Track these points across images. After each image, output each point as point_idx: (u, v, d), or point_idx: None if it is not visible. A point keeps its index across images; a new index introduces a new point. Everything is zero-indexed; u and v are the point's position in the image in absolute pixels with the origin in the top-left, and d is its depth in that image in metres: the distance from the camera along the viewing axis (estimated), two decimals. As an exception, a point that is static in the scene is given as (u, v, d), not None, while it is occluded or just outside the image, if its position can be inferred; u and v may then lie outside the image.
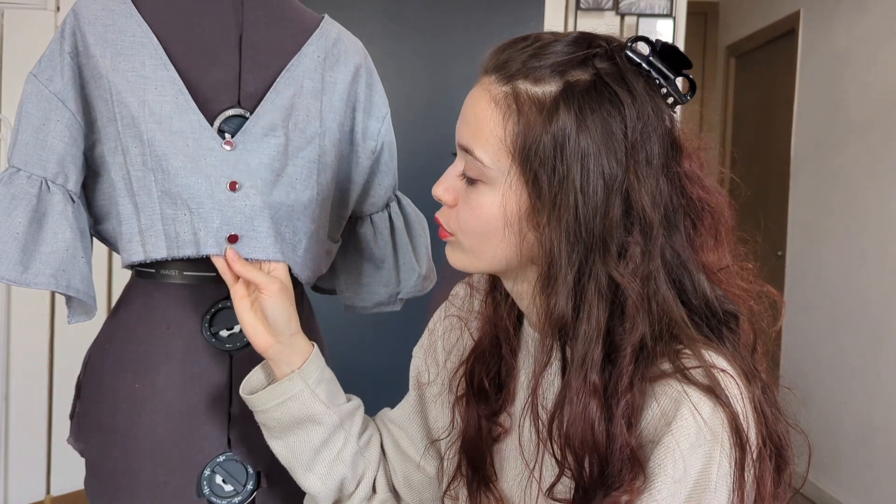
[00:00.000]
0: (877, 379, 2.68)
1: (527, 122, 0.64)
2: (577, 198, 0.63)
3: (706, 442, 0.60)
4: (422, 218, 1.14)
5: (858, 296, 2.82)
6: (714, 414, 0.61)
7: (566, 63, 0.65)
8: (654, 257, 0.64)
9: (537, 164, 0.64)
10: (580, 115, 0.63)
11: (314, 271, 0.99)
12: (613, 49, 0.67)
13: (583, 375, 0.63)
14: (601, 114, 0.63)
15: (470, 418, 0.81)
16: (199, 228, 0.89)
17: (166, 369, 0.91)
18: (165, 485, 0.91)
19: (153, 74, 0.89)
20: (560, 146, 0.63)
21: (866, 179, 2.83)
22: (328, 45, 1.00)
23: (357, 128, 1.04)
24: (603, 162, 0.63)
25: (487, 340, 0.81)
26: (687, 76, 0.68)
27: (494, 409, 0.80)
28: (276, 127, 0.93)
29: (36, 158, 0.89)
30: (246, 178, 0.91)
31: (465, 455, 0.82)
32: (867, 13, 2.90)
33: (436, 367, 0.90)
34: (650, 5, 2.28)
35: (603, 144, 0.63)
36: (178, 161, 0.89)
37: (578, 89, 0.64)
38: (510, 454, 0.80)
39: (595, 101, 0.64)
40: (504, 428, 0.80)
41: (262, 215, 0.91)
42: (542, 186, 0.64)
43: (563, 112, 0.63)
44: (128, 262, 0.91)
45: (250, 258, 0.89)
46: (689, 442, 0.60)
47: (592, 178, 0.63)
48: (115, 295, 2.15)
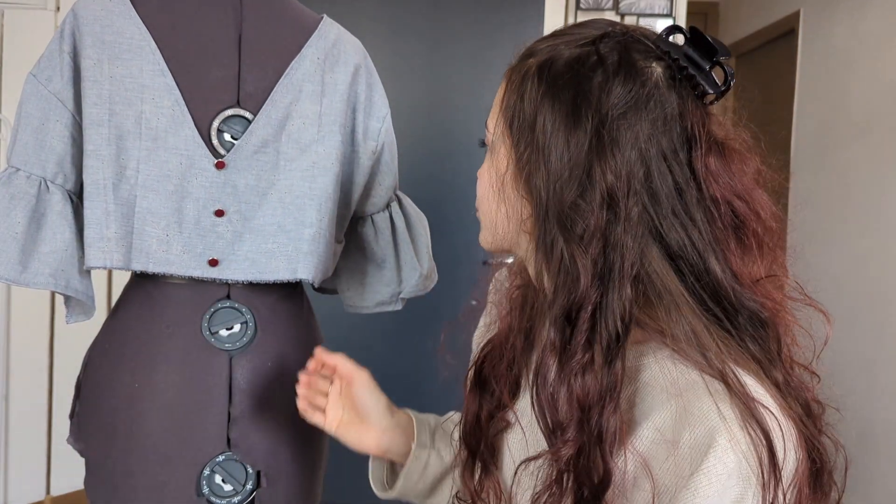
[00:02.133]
0: (877, 379, 2.68)
1: (510, 86, 0.69)
2: (539, 157, 0.64)
3: (742, 481, 0.58)
4: (423, 217, 1.14)
5: (859, 295, 2.82)
6: (749, 451, 0.59)
7: (566, 42, 0.67)
8: (630, 227, 0.63)
9: (516, 130, 0.67)
10: (551, 79, 0.65)
11: (323, 274, 0.99)
12: (629, 34, 0.67)
13: (547, 333, 0.64)
14: (574, 78, 0.64)
15: (471, 404, 0.81)
16: (182, 250, 0.91)
17: (166, 369, 0.91)
18: (165, 484, 0.91)
19: (150, 82, 0.89)
20: (532, 114, 0.66)
21: (866, 179, 2.83)
22: (327, 45, 1.00)
23: (357, 128, 1.04)
24: (569, 123, 0.63)
25: (505, 334, 0.82)
26: (721, 65, 0.67)
27: (498, 401, 0.80)
28: (267, 143, 0.94)
29: (35, 158, 0.89)
30: (231, 202, 0.93)
31: (463, 441, 0.82)
32: (867, 13, 2.90)
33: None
34: (650, 5, 2.28)
35: (571, 108, 0.63)
36: (169, 184, 0.90)
37: (562, 59, 0.66)
38: (512, 447, 0.80)
39: (573, 67, 0.64)
40: (507, 422, 0.80)
41: (241, 240, 0.93)
42: (518, 146, 0.67)
43: (535, 81, 0.66)
44: (86, 266, 0.91)
45: (228, 279, 0.93)
46: (721, 484, 0.58)
47: (556, 138, 0.64)
48: (115, 295, 2.15)
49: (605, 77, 0.63)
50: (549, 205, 0.64)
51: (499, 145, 0.70)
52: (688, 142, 0.65)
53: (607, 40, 0.66)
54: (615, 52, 0.65)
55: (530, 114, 0.66)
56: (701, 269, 0.65)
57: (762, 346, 0.66)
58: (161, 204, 0.90)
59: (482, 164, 0.74)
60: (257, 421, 0.94)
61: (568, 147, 0.63)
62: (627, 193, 0.63)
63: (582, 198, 0.63)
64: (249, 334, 0.94)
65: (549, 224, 0.65)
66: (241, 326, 0.94)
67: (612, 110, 0.63)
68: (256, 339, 0.95)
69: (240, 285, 0.95)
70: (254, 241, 0.94)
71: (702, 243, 0.65)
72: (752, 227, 0.68)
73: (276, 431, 0.96)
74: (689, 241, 0.65)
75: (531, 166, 0.65)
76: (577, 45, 0.67)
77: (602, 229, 0.63)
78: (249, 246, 0.94)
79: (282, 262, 0.94)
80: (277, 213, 0.95)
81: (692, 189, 0.65)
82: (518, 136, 0.67)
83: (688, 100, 0.66)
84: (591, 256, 0.63)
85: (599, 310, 0.63)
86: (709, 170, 0.66)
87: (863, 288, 2.80)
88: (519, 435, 0.78)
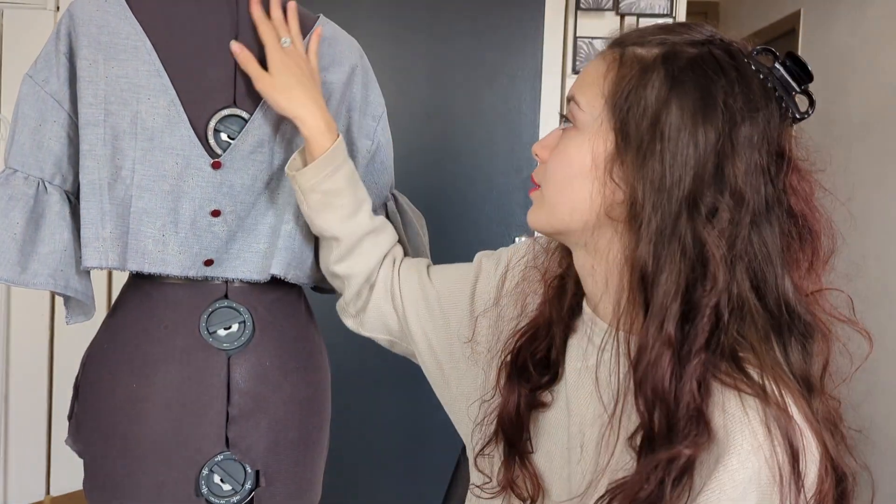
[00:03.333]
0: (877, 379, 2.68)
1: (625, 73, 0.68)
2: (664, 148, 0.65)
3: (762, 487, 0.60)
4: (420, 216, 1.14)
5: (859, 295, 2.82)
6: (773, 457, 0.60)
7: (680, 40, 0.68)
8: (742, 229, 0.65)
9: (626, 110, 0.67)
10: (678, 75, 0.66)
11: (302, 270, 0.99)
12: (735, 47, 0.69)
13: (658, 324, 0.64)
14: (702, 77, 0.65)
15: (510, 395, 0.81)
16: (179, 250, 0.91)
17: (164, 369, 0.91)
18: (163, 484, 0.91)
19: (146, 82, 0.89)
20: (655, 107, 0.65)
21: (867, 179, 2.83)
22: (323, 45, 1.00)
23: (353, 127, 1.04)
24: (698, 121, 0.64)
25: (543, 321, 0.81)
26: (807, 92, 0.70)
27: (537, 385, 0.80)
28: (263, 143, 0.94)
29: (33, 159, 0.89)
30: (228, 202, 0.93)
31: (501, 429, 0.82)
32: (867, 13, 2.90)
33: (496, 293, 0.90)
34: (650, 5, 2.28)
35: (700, 106, 0.65)
36: (165, 184, 0.90)
37: (684, 55, 0.67)
38: (549, 428, 0.80)
39: (698, 66, 0.66)
40: (545, 403, 0.80)
41: (234, 239, 0.94)
42: (629, 131, 0.66)
43: (660, 69, 0.66)
44: (83, 266, 0.91)
45: (223, 278, 0.94)
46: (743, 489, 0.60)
47: (683, 133, 0.65)
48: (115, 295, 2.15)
49: (730, 81, 0.66)
50: (673, 193, 0.65)
51: (594, 126, 0.69)
52: (779, 157, 0.68)
53: (720, 45, 0.68)
54: (731, 60, 0.67)
55: (654, 106, 0.66)
56: (772, 280, 0.67)
57: (806, 361, 0.68)
58: (157, 204, 0.90)
59: (562, 143, 0.72)
60: (256, 420, 0.94)
61: (696, 144, 0.65)
62: (748, 187, 0.65)
63: (715, 192, 0.65)
64: (247, 334, 0.94)
65: (668, 213, 0.65)
66: (238, 326, 0.94)
67: (737, 115, 0.65)
68: (254, 338, 0.95)
69: (237, 285, 0.95)
70: (245, 240, 0.94)
71: (776, 252, 0.67)
72: (816, 242, 0.71)
73: (274, 431, 0.96)
74: (766, 252, 0.67)
75: (648, 155, 0.65)
76: (689, 44, 0.68)
77: (728, 225, 0.65)
78: (241, 245, 0.94)
79: (271, 262, 0.94)
80: (269, 213, 0.95)
81: (778, 201, 0.68)
82: (633, 124, 0.66)
83: (783, 118, 0.68)
84: (722, 249, 0.64)
85: (725, 302, 0.64)
86: (792, 187, 0.69)
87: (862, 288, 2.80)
88: (556, 416, 0.79)
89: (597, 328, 0.76)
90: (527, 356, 0.81)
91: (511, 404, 0.80)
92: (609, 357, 0.71)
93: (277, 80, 0.91)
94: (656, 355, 0.64)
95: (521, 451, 0.80)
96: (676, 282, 0.64)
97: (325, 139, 0.90)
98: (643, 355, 0.65)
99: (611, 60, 0.70)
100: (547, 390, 0.80)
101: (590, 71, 0.72)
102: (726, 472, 0.60)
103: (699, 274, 0.64)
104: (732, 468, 0.60)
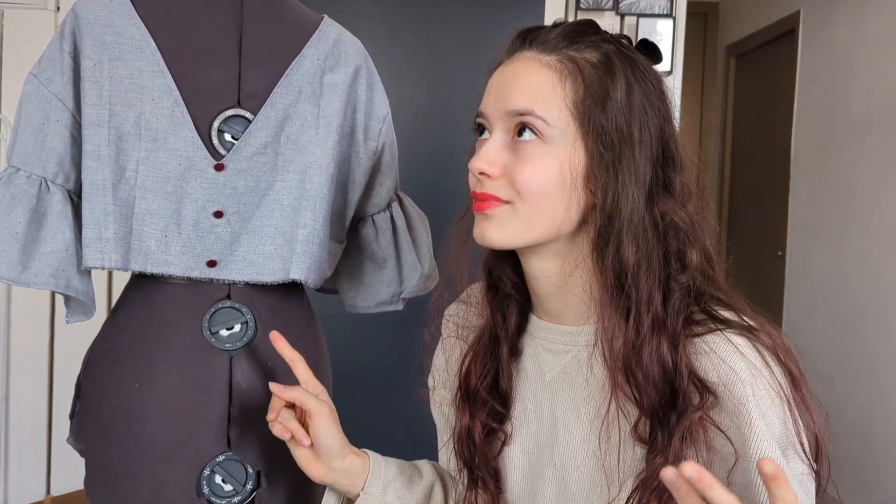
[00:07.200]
0: (877, 379, 2.68)
1: (589, 80, 0.70)
2: (633, 145, 0.69)
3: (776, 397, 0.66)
4: (423, 217, 1.14)
5: (859, 295, 2.82)
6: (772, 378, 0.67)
7: (598, 38, 0.73)
8: (693, 191, 0.72)
9: (603, 119, 0.69)
10: (632, 73, 0.71)
11: (319, 274, 0.99)
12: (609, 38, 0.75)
13: (651, 314, 0.67)
14: (635, 70, 0.71)
15: (462, 421, 0.81)
16: (181, 251, 0.91)
17: (166, 369, 0.91)
18: (165, 484, 0.91)
19: (150, 83, 0.89)
20: (623, 101, 0.69)
21: (866, 179, 2.83)
22: (328, 46, 1.00)
23: (358, 129, 1.04)
24: (648, 111, 0.70)
25: (486, 338, 0.81)
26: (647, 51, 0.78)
27: (492, 412, 0.80)
28: (266, 145, 0.94)
29: (35, 158, 0.89)
30: (231, 204, 0.93)
31: (459, 458, 0.82)
32: (867, 13, 2.90)
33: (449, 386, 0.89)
34: (650, 5, 2.28)
35: (647, 99, 0.71)
36: (168, 185, 0.90)
37: (613, 54, 0.71)
38: (514, 461, 0.80)
39: (626, 60, 0.72)
40: (506, 434, 0.80)
41: (238, 241, 0.93)
42: (604, 140, 0.69)
43: (619, 70, 0.70)
44: (84, 266, 0.90)
45: (226, 280, 0.93)
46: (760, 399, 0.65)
47: (644, 128, 0.70)
48: (115, 295, 2.15)
49: (643, 67, 0.72)
50: (640, 184, 0.69)
51: (565, 139, 0.70)
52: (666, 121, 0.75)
53: (607, 38, 0.74)
54: (624, 47, 0.74)
55: (622, 108, 0.69)
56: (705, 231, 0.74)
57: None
58: (160, 205, 0.90)
59: (529, 158, 0.70)
60: (257, 421, 0.94)
61: (650, 132, 0.71)
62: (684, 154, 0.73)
63: (667, 169, 0.71)
64: (250, 334, 0.94)
65: (639, 204, 0.69)
66: (241, 326, 0.94)
67: (660, 96, 0.72)
68: (257, 339, 0.95)
69: (240, 285, 0.95)
70: (251, 242, 0.94)
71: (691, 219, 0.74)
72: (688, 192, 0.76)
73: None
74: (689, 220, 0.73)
75: (623, 157, 0.69)
76: (603, 41, 0.73)
77: (681, 191, 0.72)
78: (246, 247, 0.94)
79: (277, 264, 0.94)
80: (274, 214, 0.95)
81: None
82: (608, 131, 0.69)
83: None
84: (686, 219, 0.70)
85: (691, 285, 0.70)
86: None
87: (863, 288, 2.80)
88: (518, 448, 0.79)
89: (556, 336, 0.77)
90: (477, 380, 0.81)
91: (463, 427, 0.81)
92: (585, 357, 0.73)
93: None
94: (657, 342, 0.66)
95: (482, 480, 0.81)
96: (658, 266, 0.68)
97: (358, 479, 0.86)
98: (644, 348, 0.67)
99: (560, 69, 0.70)
100: (508, 420, 0.80)
101: (536, 80, 0.71)
102: (743, 406, 0.64)
103: (673, 250, 0.69)
104: (746, 398, 0.64)
